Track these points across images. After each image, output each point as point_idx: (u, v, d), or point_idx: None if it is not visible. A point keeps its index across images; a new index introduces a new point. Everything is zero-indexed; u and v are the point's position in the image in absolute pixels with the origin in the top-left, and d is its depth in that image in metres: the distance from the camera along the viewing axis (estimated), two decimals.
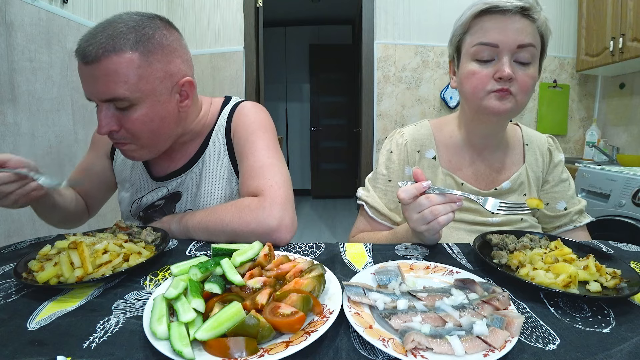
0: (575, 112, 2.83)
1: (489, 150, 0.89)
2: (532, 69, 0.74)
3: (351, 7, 4.36)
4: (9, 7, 1.43)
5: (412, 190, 0.65)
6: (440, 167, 0.89)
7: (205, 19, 2.73)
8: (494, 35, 0.73)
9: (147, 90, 0.71)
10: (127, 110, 0.72)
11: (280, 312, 0.43)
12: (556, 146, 0.93)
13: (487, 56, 0.74)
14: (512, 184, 0.87)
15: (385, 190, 0.92)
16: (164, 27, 0.75)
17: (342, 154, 5.37)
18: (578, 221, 0.90)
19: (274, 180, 0.79)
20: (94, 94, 0.70)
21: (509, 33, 0.72)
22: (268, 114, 0.94)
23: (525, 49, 0.72)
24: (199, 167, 0.90)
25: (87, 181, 1.01)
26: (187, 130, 0.87)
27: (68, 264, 0.55)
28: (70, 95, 1.78)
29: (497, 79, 0.73)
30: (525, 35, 0.72)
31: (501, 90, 0.73)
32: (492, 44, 0.73)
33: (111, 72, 0.67)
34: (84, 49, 0.67)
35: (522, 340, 0.42)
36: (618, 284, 0.53)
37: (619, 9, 2.12)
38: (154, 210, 0.93)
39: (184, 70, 0.78)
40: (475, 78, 0.76)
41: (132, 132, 0.74)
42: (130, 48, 0.68)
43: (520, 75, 0.73)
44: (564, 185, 0.91)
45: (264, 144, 0.85)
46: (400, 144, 0.92)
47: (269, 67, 4.92)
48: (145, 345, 0.40)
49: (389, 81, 2.72)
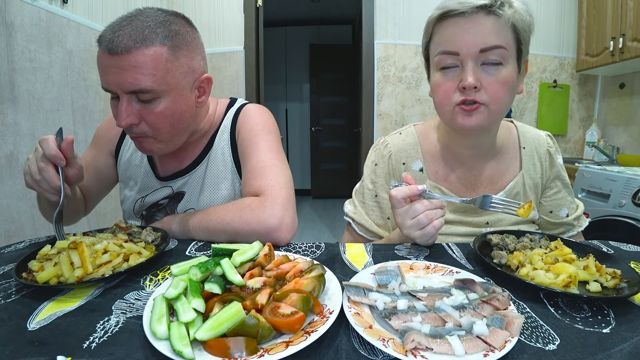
0: (575, 112, 2.83)
1: (478, 160, 0.82)
2: (504, 72, 0.66)
3: (351, 7, 4.37)
4: (9, 7, 1.43)
5: (405, 190, 0.65)
6: (427, 179, 0.84)
7: (205, 19, 2.73)
8: (453, 42, 0.66)
9: (172, 84, 0.73)
10: (149, 103, 0.72)
11: (280, 312, 0.42)
12: (556, 147, 0.87)
13: (450, 64, 0.68)
14: (507, 195, 0.82)
15: (373, 206, 0.89)
16: (187, 25, 0.77)
17: (342, 154, 5.37)
18: (578, 226, 0.87)
19: (275, 180, 0.79)
20: (119, 84, 0.70)
21: (469, 37, 0.65)
22: (272, 116, 0.95)
23: (491, 51, 0.65)
24: (203, 167, 0.90)
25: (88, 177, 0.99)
26: (197, 130, 0.88)
27: (68, 264, 0.55)
28: (70, 95, 1.78)
29: (461, 88, 0.67)
30: (489, 36, 0.65)
31: (466, 103, 0.67)
32: (452, 52, 0.67)
33: (140, 63, 0.68)
34: (111, 40, 0.67)
35: (522, 340, 0.42)
36: (618, 284, 0.53)
37: (619, 9, 2.12)
38: (157, 209, 0.94)
39: (203, 67, 0.81)
40: (440, 90, 0.70)
41: (152, 125, 0.75)
42: (160, 42, 0.70)
43: (489, 82, 0.66)
44: (566, 191, 0.87)
45: (267, 145, 0.86)
46: (385, 156, 0.87)
47: (269, 67, 4.91)
48: (145, 345, 0.40)
49: (389, 81, 2.72)
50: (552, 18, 2.69)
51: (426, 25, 0.74)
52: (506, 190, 0.82)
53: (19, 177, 1.50)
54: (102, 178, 1.01)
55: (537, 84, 2.76)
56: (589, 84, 2.80)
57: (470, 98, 0.67)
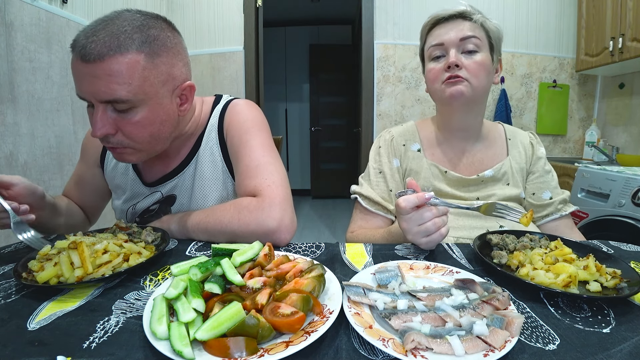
0: (575, 112, 2.83)
1: (470, 143, 0.96)
2: (479, 56, 0.85)
3: (351, 7, 4.37)
4: (9, 7, 1.43)
5: (414, 199, 0.65)
6: (424, 158, 0.96)
7: (205, 19, 2.73)
8: (440, 37, 0.87)
9: (150, 93, 0.69)
10: (126, 112, 0.69)
11: (280, 312, 0.42)
12: (537, 140, 1.02)
13: (440, 53, 0.88)
14: (495, 173, 0.93)
15: (377, 181, 0.98)
16: (168, 29, 0.73)
17: (342, 154, 5.37)
18: (563, 210, 0.94)
19: (271, 179, 0.78)
20: (93, 94, 0.66)
21: (452, 32, 0.86)
22: (261, 111, 0.92)
23: (468, 40, 0.85)
24: (191, 169, 0.88)
25: (81, 192, 1.00)
26: (182, 133, 0.85)
27: (68, 264, 0.55)
28: (70, 95, 1.78)
29: (447, 68, 0.85)
30: (466, 30, 0.85)
31: (450, 77, 0.84)
32: (439, 43, 0.87)
33: (115, 72, 0.64)
34: (83, 47, 0.63)
35: (522, 340, 0.42)
36: (618, 283, 0.53)
37: (619, 9, 2.12)
38: (150, 215, 0.92)
39: (185, 74, 0.77)
40: (431, 73, 0.89)
41: (129, 136, 0.71)
42: (137, 49, 0.65)
43: (468, 62, 0.85)
44: (548, 176, 0.97)
45: (258, 143, 0.84)
46: (387, 139, 1.01)
47: (268, 67, 4.92)
48: (145, 345, 0.40)
49: (388, 81, 2.72)
50: (551, 18, 2.69)
51: (421, 32, 0.95)
52: (494, 169, 0.93)
53: None
54: (94, 190, 0.99)
55: (536, 84, 2.76)
56: (588, 84, 2.80)
57: (454, 74, 0.84)
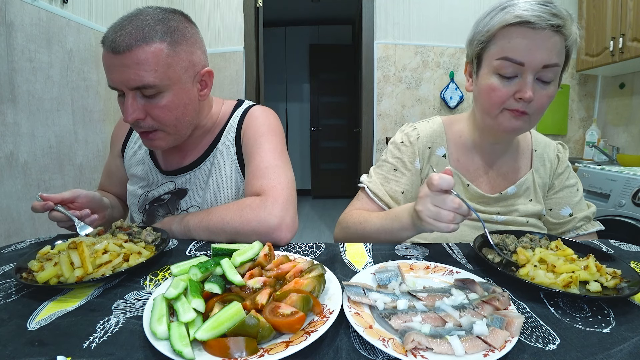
0: (575, 112, 2.83)
1: (497, 155, 0.88)
2: (552, 88, 0.72)
3: (351, 7, 4.36)
4: (9, 7, 1.43)
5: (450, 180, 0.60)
6: (449, 165, 0.88)
7: (205, 19, 2.73)
8: (521, 53, 0.68)
9: (174, 78, 0.75)
10: (153, 97, 0.75)
11: (280, 312, 0.42)
12: (565, 153, 0.92)
13: (511, 73, 0.71)
14: (518, 189, 0.86)
15: (388, 177, 0.90)
16: (186, 21, 0.80)
17: (342, 154, 5.37)
18: (583, 228, 0.86)
19: (277, 181, 0.80)
20: (124, 82, 0.72)
21: (537, 52, 0.67)
22: (278, 118, 0.97)
23: (550, 68, 0.69)
24: (208, 164, 0.92)
25: (111, 183, 1.08)
26: (200, 124, 0.90)
27: (68, 264, 0.55)
28: (70, 95, 1.78)
29: (518, 99, 0.71)
30: (553, 54, 0.68)
31: (517, 111, 0.72)
32: (518, 62, 0.69)
33: (142, 60, 0.71)
34: (113, 40, 0.70)
35: (522, 340, 0.42)
36: (618, 284, 0.53)
37: (619, 9, 2.12)
38: (159, 205, 0.95)
39: (203, 61, 0.83)
40: (495, 95, 0.73)
41: (157, 119, 0.77)
42: (160, 38, 0.73)
43: (540, 95, 0.71)
44: (569, 190, 0.89)
45: (271, 146, 0.87)
46: (413, 137, 0.90)
47: (269, 67, 4.92)
48: (145, 345, 0.40)
49: (388, 81, 2.72)
50: None
51: (490, 24, 0.73)
52: (517, 184, 0.87)
53: (19, 177, 1.50)
54: (120, 180, 1.05)
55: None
56: (588, 83, 2.80)
57: (523, 109, 0.72)
